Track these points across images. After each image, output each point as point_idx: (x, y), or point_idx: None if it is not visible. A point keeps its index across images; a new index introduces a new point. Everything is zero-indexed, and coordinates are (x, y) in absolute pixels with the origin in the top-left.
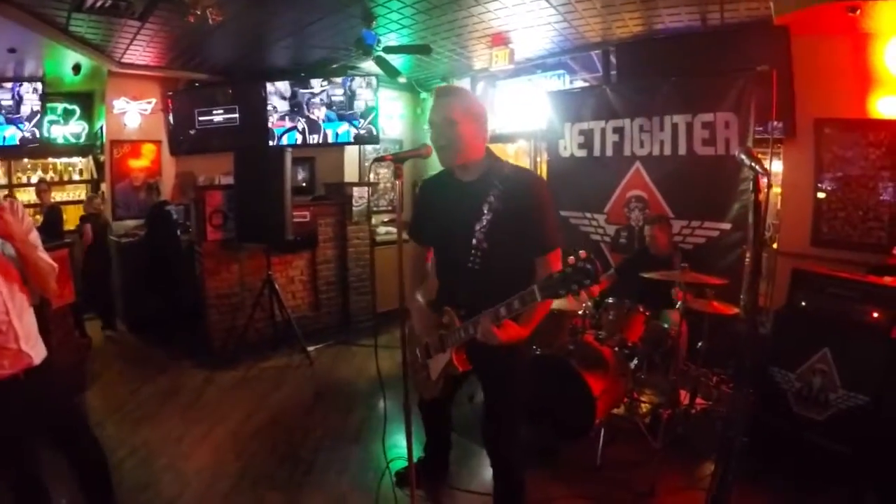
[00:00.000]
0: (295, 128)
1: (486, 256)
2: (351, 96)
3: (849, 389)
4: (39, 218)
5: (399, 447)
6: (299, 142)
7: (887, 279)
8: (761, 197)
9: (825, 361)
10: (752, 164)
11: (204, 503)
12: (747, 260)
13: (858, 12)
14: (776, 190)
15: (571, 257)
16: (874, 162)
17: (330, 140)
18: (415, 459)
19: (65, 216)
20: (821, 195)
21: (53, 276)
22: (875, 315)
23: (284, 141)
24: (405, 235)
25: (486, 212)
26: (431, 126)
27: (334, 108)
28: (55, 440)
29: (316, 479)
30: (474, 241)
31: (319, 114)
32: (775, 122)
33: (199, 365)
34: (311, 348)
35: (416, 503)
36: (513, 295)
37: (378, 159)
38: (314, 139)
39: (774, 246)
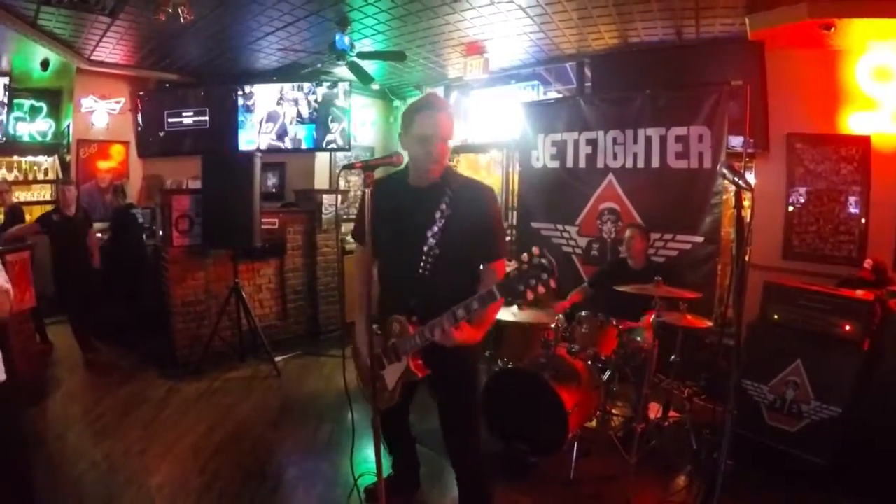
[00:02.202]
0: (266, 132)
1: (437, 262)
2: (324, 102)
3: (821, 401)
4: (1, 218)
5: (368, 462)
6: (269, 146)
7: (859, 292)
8: (745, 212)
9: (798, 373)
10: (736, 178)
11: None
12: (719, 272)
13: (833, 30)
14: (746, 203)
15: (525, 255)
16: (845, 176)
17: (301, 146)
18: (384, 475)
19: (29, 217)
20: (792, 209)
21: (7, 303)
22: (847, 328)
23: (254, 145)
24: (350, 238)
25: (438, 218)
26: (424, 139)
27: (306, 113)
28: None
29: (283, 496)
30: (426, 246)
31: (291, 119)
32: (748, 137)
33: (164, 374)
34: (278, 359)
35: None
36: (460, 301)
37: (347, 166)
38: (285, 144)
39: (746, 259)
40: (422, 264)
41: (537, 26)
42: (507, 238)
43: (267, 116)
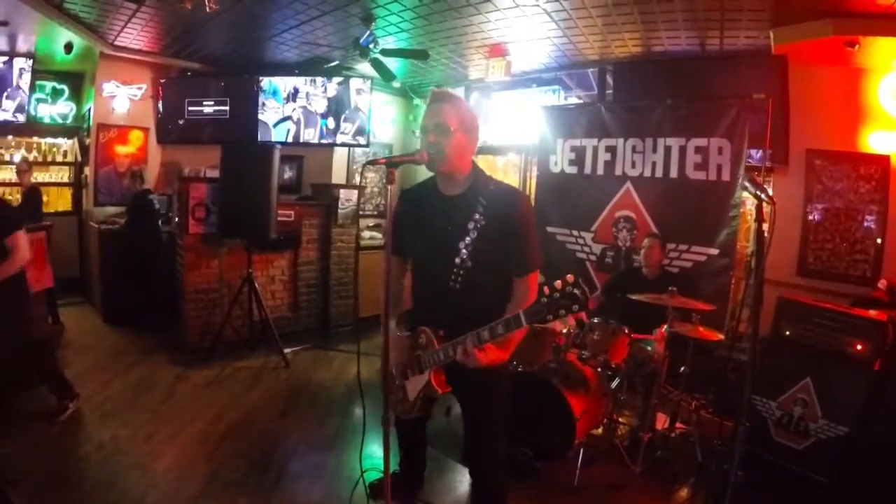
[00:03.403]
0: (283, 125)
1: (469, 275)
2: (344, 97)
3: (829, 420)
4: (18, 197)
5: (373, 457)
6: (289, 139)
7: (872, 312)
8: (766, 226)
9: (807, 391)
10: (758, 192)
11: None
12: (732, 286)
13: (857, 47)
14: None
15: (558, 281)
16: (863, 195)
17: (321, 140)
18: (390, 472)
19: (46, 198)
20: (808, 225)
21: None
22: (858, 347)
23: (273, 136)
24: (364, 234)
25: (471, 229)
26: (423, 131)
27: (327, 107)
28: None
29: (287, 486)
30: (458, 259)
31: (310, 113)
32: (767, 151)
33: (174, 360)
34: (287, 350)
35: None
36: (491, 315)
37: (371, 162)
38: (303, 138)
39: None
40: (453, 277)
41: (561, 31)
42: None
43: (285, 109)
